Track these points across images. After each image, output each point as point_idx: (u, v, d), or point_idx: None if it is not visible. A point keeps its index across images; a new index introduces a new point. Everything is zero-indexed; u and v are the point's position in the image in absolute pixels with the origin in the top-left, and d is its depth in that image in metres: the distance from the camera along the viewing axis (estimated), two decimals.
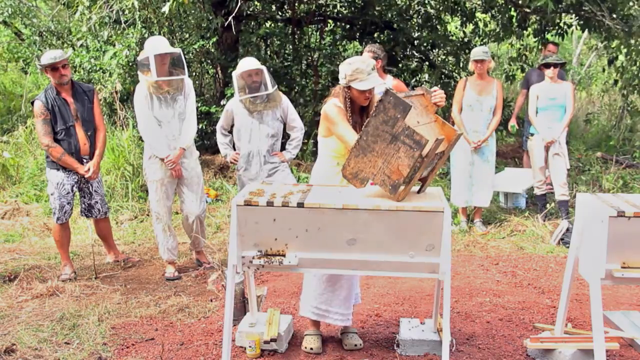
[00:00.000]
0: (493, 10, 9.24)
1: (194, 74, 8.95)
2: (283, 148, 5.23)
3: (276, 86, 5.05)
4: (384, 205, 2.91)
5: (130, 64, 7.35)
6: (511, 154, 9.47)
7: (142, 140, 5.26)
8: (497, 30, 9.37)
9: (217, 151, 7.41)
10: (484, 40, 9.57)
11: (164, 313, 4.12)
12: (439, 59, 10.30)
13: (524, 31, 9.19)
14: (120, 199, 6.85)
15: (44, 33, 9.98)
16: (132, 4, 6.92)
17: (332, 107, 3.32)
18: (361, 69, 3.26)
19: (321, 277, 3.47)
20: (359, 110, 3.43)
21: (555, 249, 5.58)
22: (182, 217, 5.05)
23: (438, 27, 10.00)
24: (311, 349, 3.51)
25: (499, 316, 4.03)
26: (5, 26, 11.97)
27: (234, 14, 7.09)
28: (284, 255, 3.04)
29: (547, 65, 5.95)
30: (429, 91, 3.23)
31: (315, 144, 8.01)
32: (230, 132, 5.24)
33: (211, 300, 4.34)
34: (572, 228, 3.55)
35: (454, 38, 10.13)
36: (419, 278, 4.38)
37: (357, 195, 3.07)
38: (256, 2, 9.31)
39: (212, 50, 8.53)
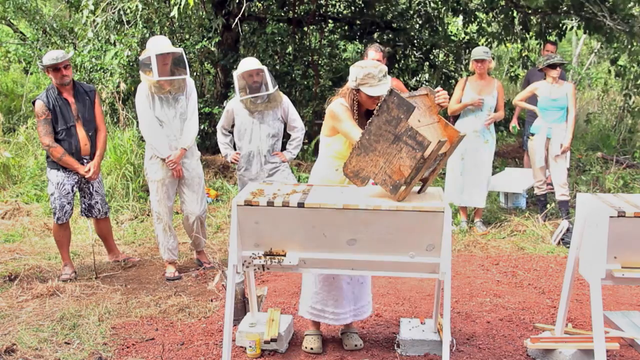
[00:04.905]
0: (494, 12, 9.23)
1: (195, 74, 8.96)
2: (284, 148, 5.23)
3: (277, 86, 5.06)
4: (384, 205, 2.91)
5: (132, 63, 7.35)
6: (511, 154, 9.47)
7: (144, 140, 5.26)
8: (499, 31, 9.37)
9: (218, 151, 7.41)
10: (489, 40, 9.56)
11: (164, 313, 4.12)
12: (440, 59, 10.30)
13: (527, 34, 9.19)
14: (121, 198, 6.85)
15: (47, 31, 10.00)
16: (136, 5, 6.91)
17: (339, 106, 3.32)
18: (373, 74, 3.24)
19: (316, 276, 3.48)
20: (364, 114, 3.42)
21: (556, 249, 5.58)
22: (182, 217, 5.05)
23: (439, 27, 10.00)
24: (311, 349, 3.51)
25: (499, 316, 4.04)
26: (8, 26, 12.00)
27: (239, 16, 7.09)
28: (284, 255, 3.04)
29: (554, 66, 5.94)
30: (432, 91, 3.23)
31: (316, 144, 8.02)
32: (231, 132, 5.24)
33: (211, 300, 4.34)
34: (573, 228, 3.55)
35: (454, 38, 10.13)
36: (419, 278, 4.38)
37: (358, 195, 3.07)
38: (257, 3, 9.32)
39: (213, 49, 8.53)
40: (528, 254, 5.46)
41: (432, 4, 9.82)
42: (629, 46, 8.09)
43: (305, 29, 9.65)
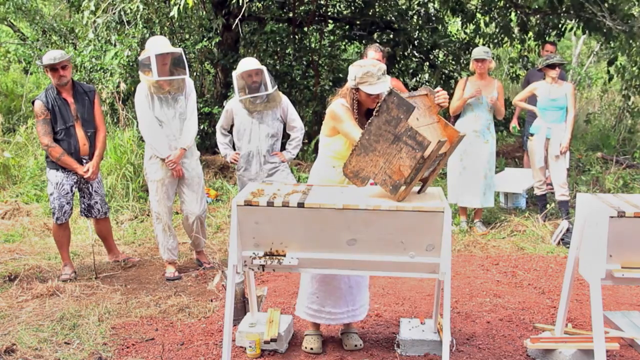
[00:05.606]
0: (493, 13, 9.23)
1: (195, 74, 8.96)
2: (283, 148, 5.23)
3: (276, 86, 5.05)
4: (384, 205, 2.91)
5: (132, 64, 7.36)
6: (511, 154, 9.48)
7: (143, 140, 5.27)
8: (498, 32, 9.37)
9: (218, 151, 7.41)
10: (486, 42, 9.57)
11: (164, 313, 4.12)
12: (440, 59, 10.30)
13: (525, 35, 9.18)
14: (121, 198, 6.85)
15: (47, 31, 10.00)
16: (137, 6, 6.92)
17: (340, 106, 3.32)
18: (372, 72, 3.25)
19: (313, 276, 3.48)
20: (365, 113, 3.42)
21: (556, 249, 5.58)
22: (182, 217, 5.05)
23: (439, 27, 10.00)
24: (311, 349, 3.51)
25: (499, 316, 4.04)
26: (8, 27, 12.01)
27: (239, 16, 7.09)
28: (283, 256, 3.04)
29: (553, 66, 5.94)
30: (432, 91, 3.23)
31: (316, 144, 8.01)
32: (230, 132, 5.24)
33: (211, 300, 4.34)
34: (572, 228, 3.55)
35: (454, 38, 10.13)
36: (419, 278, 4.38)
37: (358, 195, 3.07)
38: (257, 3, 9.32)
39: (213, 49, 8.53)
40: (528, 254, 5.46)
41: (432, 4, 9.82)
42: (628, 47, 8.09)
43: (305, 29, 9.65)
